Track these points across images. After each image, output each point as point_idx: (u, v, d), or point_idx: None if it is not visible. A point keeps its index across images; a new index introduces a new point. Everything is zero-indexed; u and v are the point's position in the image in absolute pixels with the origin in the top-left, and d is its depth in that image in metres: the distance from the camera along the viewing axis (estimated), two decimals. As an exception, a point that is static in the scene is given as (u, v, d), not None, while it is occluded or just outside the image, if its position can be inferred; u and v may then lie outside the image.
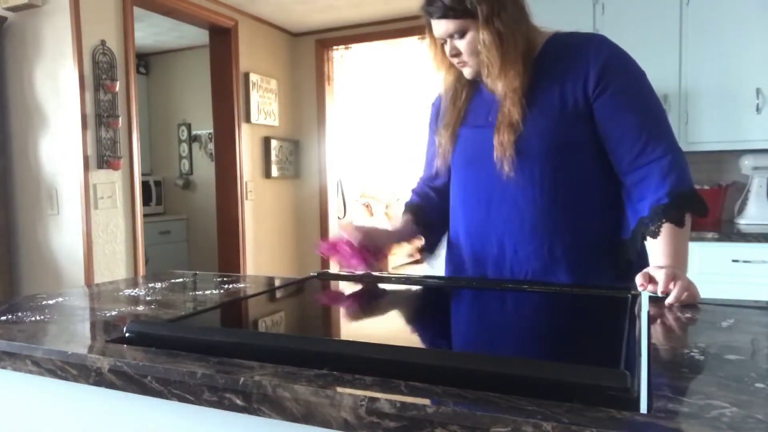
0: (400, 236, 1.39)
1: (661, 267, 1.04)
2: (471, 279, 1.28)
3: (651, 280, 1.02)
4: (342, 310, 1.18)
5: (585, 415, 0.55)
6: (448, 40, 1.19)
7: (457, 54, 1.19)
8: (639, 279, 1.03)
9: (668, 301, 1.00)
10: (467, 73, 1.23)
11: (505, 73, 1.14)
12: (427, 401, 0.59)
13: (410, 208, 1.42)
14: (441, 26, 1.17)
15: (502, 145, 1.16)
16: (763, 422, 0.53)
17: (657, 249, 1.10)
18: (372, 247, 1.30)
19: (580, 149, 1.16)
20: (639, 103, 1.13)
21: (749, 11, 2.76)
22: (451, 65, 1.25)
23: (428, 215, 1.40)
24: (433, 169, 1.39)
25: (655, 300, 1.04)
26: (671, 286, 0.99)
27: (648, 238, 1.11)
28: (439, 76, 1.30)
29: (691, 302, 1.00)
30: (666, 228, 1.08)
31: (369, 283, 1.28)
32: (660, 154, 1.10)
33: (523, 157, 1.16)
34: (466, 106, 1.28)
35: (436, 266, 1.46)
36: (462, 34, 1.16)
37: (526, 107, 1.14)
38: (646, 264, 1.14)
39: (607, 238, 1.21)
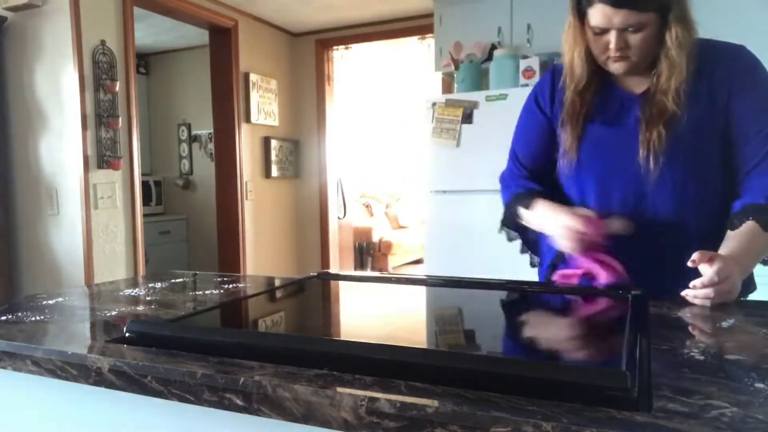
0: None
1: (725, 256, 1.01)
2: (471, 279, 1.28)
3: (710, 260, 0.99)
4: (342, 310, 1.18)
5: (585, 415, 0.55)
6: (615, 32, 1.09)
7: (623, 47, 1.11)
8: (697, 255, 0.99)
9: (695, 293, 0.98)
10: (620, 67, 1.15)
11: (682, 76, 1.10)
12: (427, 401, 0.59)
13: (542, 195, 1.27)
14: (618, 16, 1.07)
15: (653, 141, 1.12)
16: (763, 422, 0.53)
17: (731, 238, 1.07)
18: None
19: (714, 152, 1.15)
20: None
21: (748, 11, 2.76)
22: (585, 54, 1.18)
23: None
24: (523, 160, 1.33)
25: (655, 300, 1.04)
26: (714, 283, 0.97)
27: (728, 230, 1.09)
28: (574, 63, 1.20)
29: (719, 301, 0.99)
30: (749, 225, 1.06)
31: (369, 283, 1.28)
32: None
33: (669, 154, 1.13)
34: (595, 101, 1.21)
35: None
36: (640, 27, 1.08)
37: (678, 106, 1.11)
38: None
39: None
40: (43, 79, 3.02)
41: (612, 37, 1.10)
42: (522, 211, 1.28)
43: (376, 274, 1.31)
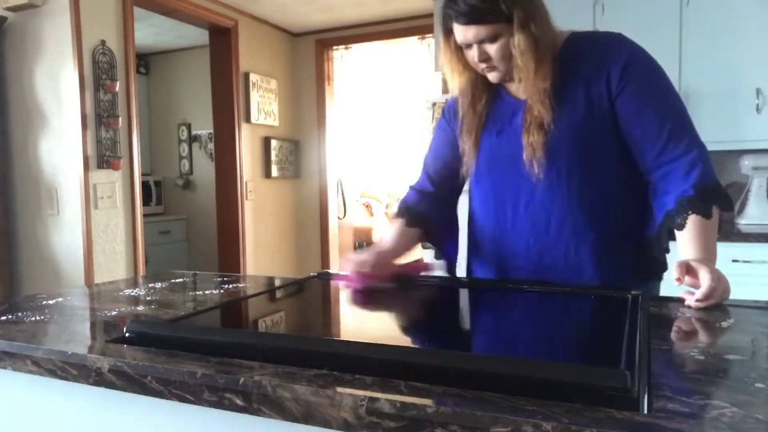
0: (403, 250, 1.34)
1: (699, 261, 1.01)
2: (471, 279, 1.28)
3: (689, 271, 1.00)
4: (342, 310, 1.18)
5: (585, 415, 0.55)
6: (475, 45, 1.15)
7: (486, 59, 1.16)
8: (676, 272, 1.00)
9: (699, 304, 0.98)
10: (494, 77, 1.20)
11: (537, 75, 1.13)
12: (427, 401, 0.59)
13: (415, 217, 1.36)
14: (470, 31, 1.13)
15: (531, 146, 1.16)
16: (763, 422, 0.53)
17: (687, 242, 1.08)
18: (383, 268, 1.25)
19: (606, 149, 1.17)
20: (660, 99, 1.15)
21: (749, 12, 2.76)
22: (465, 69, 1.23)
23: (435, 225, 1.38)
24: (432, 173, 1.38)
25: (655, 300, 1.04)
26: (713, 289, 0.97)
27: (676, 231, 1.10)
28: (452, 80, 1.26)
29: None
30: (694, 220, 1.08)
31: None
32: (683, 150, 1.12)
33: (551, 157, 1.16)
34: (486, 111, 1.26)
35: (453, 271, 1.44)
36: (494, 38, 1.13)
37: (555, 107, 1.14)
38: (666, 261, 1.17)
39: (632, 238, 1.21)
40: (43, 79, 3.02)
41: (474, 51, 1.16)
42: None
43: (376, 274, 1.31)
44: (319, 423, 0.64)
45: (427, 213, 1.36)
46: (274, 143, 4.40)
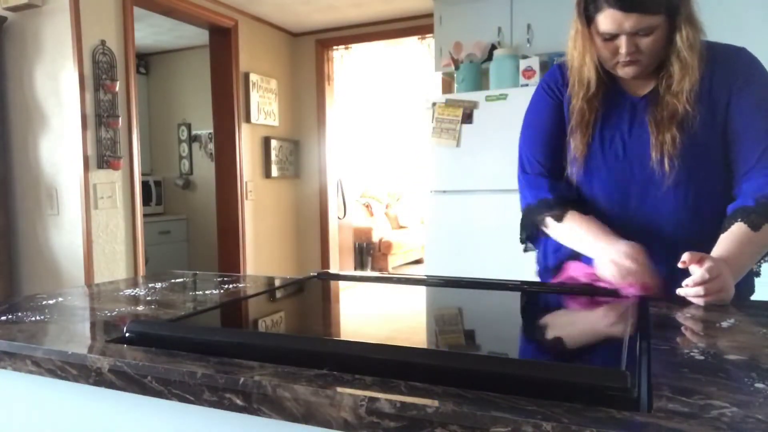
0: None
1: (716, 257, 1.01)
2: (471, 279, 1.28)
3: (700, 261, 0.98)
4: (342, 310, 1.18)
5: (585, 415, 0.55)
6: (624, 37, 1.09)
7: (633, 51, 1.10)
8: (687, 255, 0.99)
9: (687, 291, 0.98)
10: (630, 71, 1.14)
11: (695, 77, 1.10)
12: (427, 401, 0.59)
13: (577, 203, 1.24)
14: (629, 20, 1.06)
15: (664, 143, 1.12)
16: (763, 422, 0.53)
17: (721, 242, 1.07)
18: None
19: (719, 158, 1.15)
20: (765, 119, 1.13)
21: (749, 12, 2.76)
22: (591, 59, 1.17)
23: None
24: (555, 152, 1.27)
25: (655, 300, 1.04)
26: (706, 281, 0.96)
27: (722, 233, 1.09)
28: (580, 67, 1.19)
29: (717, 303, 0.99)
30: (740, 227, 1.06)
31: (369, 283, 1.28)
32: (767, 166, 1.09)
33: (678, 158, 1.12)
34: (601, 106, 1.20)
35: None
36: (650, 31, 1.08)
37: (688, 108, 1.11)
38: None
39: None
40: (43, 79, 3.02)
41: (623, 42, 1.09)
42: (549, 221, 1.23)
43: (376, 274, 1.31)
44: (319, 423, 0.64)
45: (571, 191, 1.25)
46: (274, 143, 4.40)
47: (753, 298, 1.20)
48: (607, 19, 1.08)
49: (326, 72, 4.64)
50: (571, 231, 1.21)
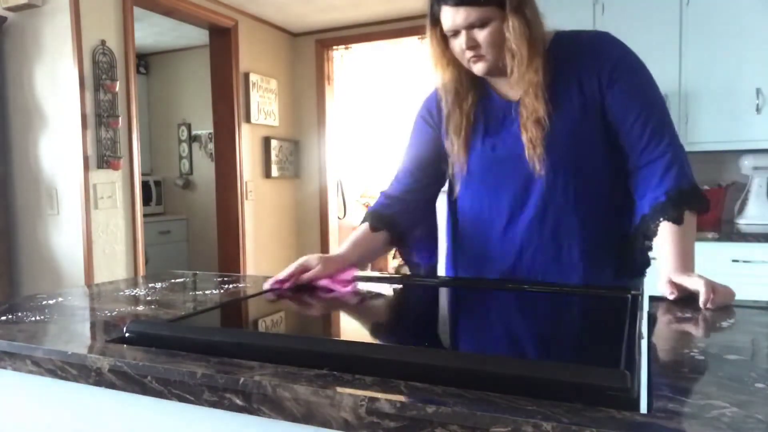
0: (361, 256, 1.30)
1: (680, 274, 1.04)
2: (471, 279, 1.28)
3: (677, 287, 1.01)
4: (342, 310, 1.18)
5: (585, 415, 0.55)
6: (464, 32, 1.11)
7: (474, 46, 1.12)
8: (667, 288, 1.02)
9: (706, 305, 0.98)
10: (480, 68, 1.15)
11: (531, 66, 1.10)
12: (427, 401, 0.59)
13: (381, 220, 1.31)
14: (460, 15, 1.09)
15: (531, 143, 1.13)
16: (763, 422, 0.53)
17: (662, 248, 1.09)
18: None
19: (597, 147, 1.17)
20: (645, 98, 1.14)
21: (749, 12, 2.76)
22: (450, 63, 1.19)
23: (405, 227, 1.33)
24: (410, 175, 1.32)
25: (655, 300, 1.04)
26: (712, 295, 0.98)
27: (653, 237, 1.11)
28: (436, 74, 1.22)
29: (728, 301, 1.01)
30: (666, 226, 1.09)
31: (369, 283, 1.28)
32: (662, 151, 1.12)
33: (551, 155, 1.14)
34: (474, 110, 1.21)
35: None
36: (484, 23, 1.09)
37: (549, 104, 1.12)
38: (646, 260, 1.19)
39: (617, 238, 1.21)
40: (43, 79, 3.02)
41: (462, 38, 1.12)
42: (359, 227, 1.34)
43: (376, 274, 1.31)
44: (319, 423, 0.64)
45: (397, 216, 1.30)
46: (274, 143, 4.40)
47: (753, 297, 1.20)
48: (445, 17, 1.12)
49: (326, 72, 4.64)
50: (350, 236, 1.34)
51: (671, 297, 1.02)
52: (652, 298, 1.05)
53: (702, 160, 3.13)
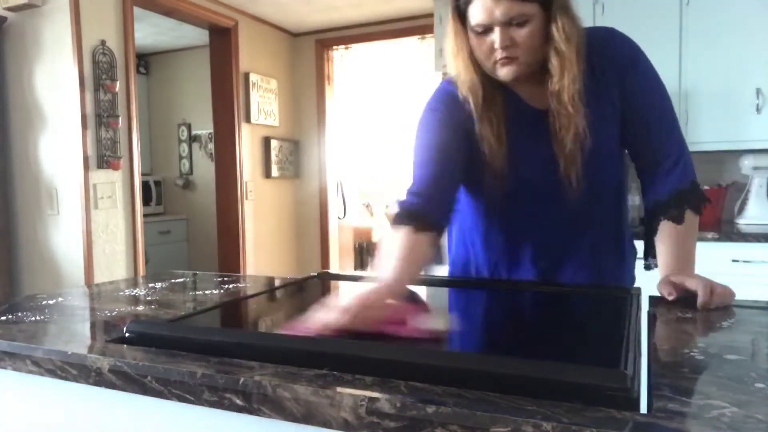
0: (416, 268, 1.06)
1: (678, 274, 1.04)
2: (471, 279, 1.28)
3: (676, 287, 1.02)
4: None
5: (585, 415, 0.55)
6: (498, 29, 0.99)
7: (509, 45, 1.00)
8: (665, 292, 1.02)
9: (704, 305, 0.98)
10: (508, 72, 1.03)
11: (576, 72, 1.01)
12: (427, 401, 0.59)
13: (424, 220, 1.07)
14: (499, 7, 0.97)
15: (568, 157, 1.06)
16: (763, 422, 0.53)
17: (664, 249, 1.09)
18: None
19: (616, 156, 1.15)
20: (658, 100, 1.12)
21: (749, 11, 2.76)
22: (472, 65, 1.07)
23: (445, 225, 1.15)
24: (434, 171, 1.11)
25: (655, 300, 1.04)
26: (711, 296, 0.97)
27: (654, 235, 1.12)
28: (461, 72, 1.08)
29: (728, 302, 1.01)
30: (666, 225, 1.08)
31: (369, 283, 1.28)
32: (668, 151, 1.10)
33: (585, 172, 1.08)
34: (504, 114, 1.10)
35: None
36: (524, 20, 0.98)
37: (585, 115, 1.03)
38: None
39: (621, 243, 1.23)
40: (43, 79, 3.02)
41: (496, 35, 1.00)
42: (387, 230, 1.12)
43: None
44: (319, 423, 0.64)
45: (435, 213, 1.10)
46: (274, 143, 4.40)
47: (753, 297, 1.20)
48: (477, 10, 0.99)
49: (326, 72, 4.64)
50: (384, 248, 1.08)
51: (670, 298, 1.02)
52: (652, 298, 1.05)
53: (702, 160, 3.13)
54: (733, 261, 2.57)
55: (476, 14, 1.00)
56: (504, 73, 1.04)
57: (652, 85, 1.11)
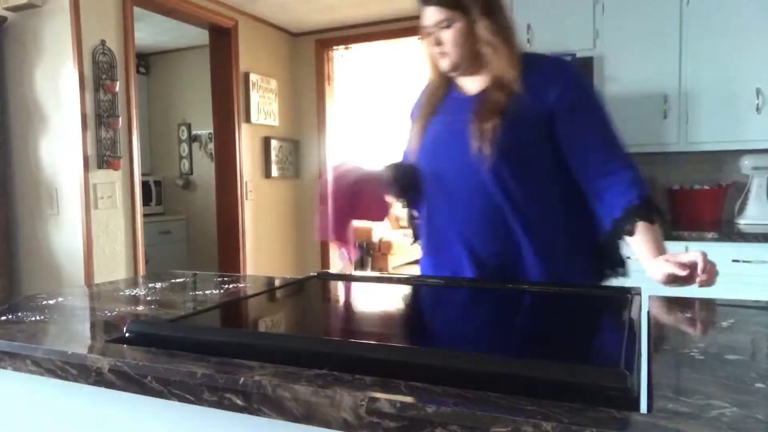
0: (386, 184, 1.41)
1: (671, 255, 1.07)
2: (471, 279, 1.28)
3: (681, 266, 1.02)
4: (342, 310, 1.18)
5: (585, 415, 0.55)
6: (432, 31, 1.25)
7: (440, 44, 1.25)
8: (676, 269, 1.02)
9: (703, 280, 1.00)
10: (444, 65, 1.28)
11: (509, 59, 1.22)
12: (427, 401, 0.59)
13: (403, 172, 1.40)
14: (428, 13, 1.23)
15: (482, 134, 1.20)
16: (763, 422, 0.53)
17: (643, 244, 1.14)
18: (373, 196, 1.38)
19: (545, 155, 1.23)
20: (600, 121, 1.23)
21: (749, 11, 2.76)
22: (434, 63, 1.31)
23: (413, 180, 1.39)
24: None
25: (655, 300, 1.04)
26: (708, 265, 1.01)
27: (629, 237, 1.16)
28: (428, 68, 1.35)
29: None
30: (643, 225, 1.14)
31: (369, 283, 1.28)
32: (623, 166, 1.19)
33: (495, 151, 1.20)
34: (440, 103, 1.34)
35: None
36: (448, 24, 1.22)
37: (503, 107, 1.20)
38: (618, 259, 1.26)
39: (578, 241, 1.27)
40: (43, 79, 3.02)
41: (431, 36, 1.26)
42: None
43: (376, 274, 1.31)
44: (319, 423, 0.64)
45: (414, 177, 1.37)
46: (274, 143, 4.40)
47: (753, 297, 1.21)
48: (422, 15, 1.25)
49: (326, 72, 4.64)
50: None
51: (683, 273, 1.00)
52: (652, 298, 1.05)
53: (702, 160, 3.13)
54: (733, 261, 2.57)
55: (422, 18, 1.26)
56: (442, 65, 1.29)
57: (595, 109, 1.24)
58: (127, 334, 0.87)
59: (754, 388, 0.62)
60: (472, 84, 1.30)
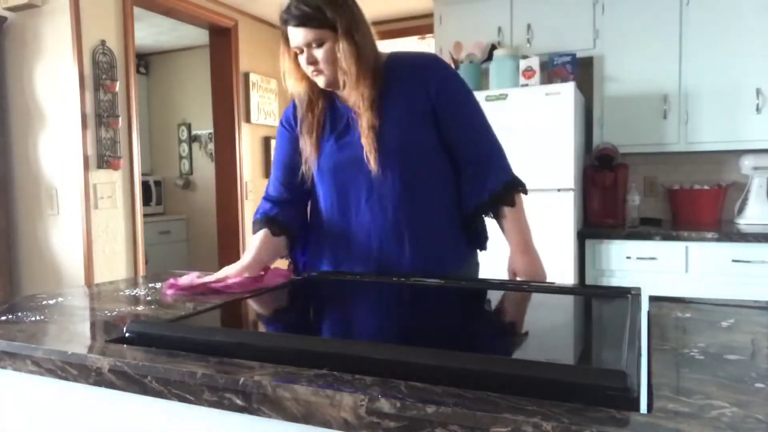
0: (271, 259, 1.41)
1: (523, 255, 1.36)
2: (470, 279, 1.28)
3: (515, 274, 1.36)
4: (341, 310, 1.18)
5: (585, 415, 0.55)
6: (305, 49, 1.27)
7: (313, 62, 1.28)
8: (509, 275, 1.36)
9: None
10: (321, 81, 1.32)
11: (361, 82, 1.28)
12: (427, 401, 0.59)
13: (279, 225, 1.42)
14: (299, 34, 1.26)
15: (369, 145, 1.31)
16: (763, 422, 0.53)
17: (506, 225, 1.38)
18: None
19: (427, 147, 1.35)
20: (470, 108, 1.39)
21: (749, 11, 2.76)
22: (302, 77, 1.35)
23: (297, 231, 1.46)
24: (283, 180, 1.46)
25: (655, 300, 1.04)
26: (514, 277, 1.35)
27: (499, 218, 1.38)
28: (291, 86, 1.38)
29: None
30: (506, 210, 1.36)
31: (369, 282, 1.28)
32: (488, 150, 1.38)
33: (384, 157, 1.31)
34: (323, 116, 1.38)
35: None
36: (320, 43, 1.26)
37: (382, 114, 1.30)
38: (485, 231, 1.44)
39: (453, 218, 1.40)
40: (43, 79, 3.02)
41: (303, 55, 1.29)
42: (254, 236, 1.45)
43: (376, 274, 1.32)
44: (319, 423, 0.64)
45: (289, 220, 1.44)
46: (274, 143, 4.40)
47: (753, 297, 1.21)
48: (290, 37, 1.28)
49: (326, 72, 4.63)
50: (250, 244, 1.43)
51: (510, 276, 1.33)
52: (652, 298, 1.05)
53: (702, 160, 3.14)
54: (734, 261, 2.57)
55: (291, 40, 1.29)
56: (319, 82, 1.33)
57: (464, 98, 1.38)
58: (127, 334, 0.87)
59: (754, 388, 0.62)
60: (349, 95, 1.34)
